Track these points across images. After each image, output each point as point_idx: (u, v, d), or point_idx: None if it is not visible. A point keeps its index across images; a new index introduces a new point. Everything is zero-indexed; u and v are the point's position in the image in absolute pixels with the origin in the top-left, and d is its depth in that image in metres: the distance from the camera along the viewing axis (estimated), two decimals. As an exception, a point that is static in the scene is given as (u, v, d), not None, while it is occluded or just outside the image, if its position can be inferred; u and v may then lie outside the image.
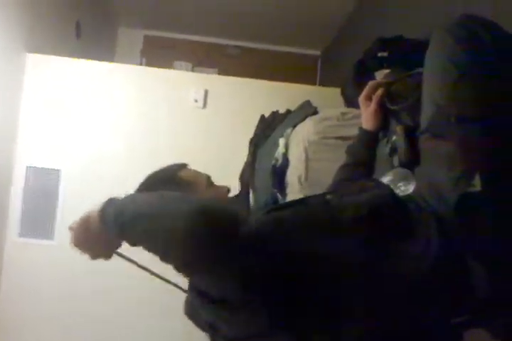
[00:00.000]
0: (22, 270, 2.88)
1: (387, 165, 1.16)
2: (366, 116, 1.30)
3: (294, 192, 1.76)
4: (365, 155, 1.30)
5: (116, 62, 3.82)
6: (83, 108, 2.88)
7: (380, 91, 1.25)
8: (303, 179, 1.71)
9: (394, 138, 1.13)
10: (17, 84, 2.80)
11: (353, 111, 1.71)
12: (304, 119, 1.87)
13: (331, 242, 0.89)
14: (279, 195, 1.82)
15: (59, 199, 2.90)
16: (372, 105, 1.27)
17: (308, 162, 1.71)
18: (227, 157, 2.73)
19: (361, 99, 1.29)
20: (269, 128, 2.13)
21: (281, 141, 1.86)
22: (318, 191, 1.73)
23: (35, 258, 2.88)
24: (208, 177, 1.23)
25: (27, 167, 2.86)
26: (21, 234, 2.87)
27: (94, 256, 0.95)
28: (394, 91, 1.22)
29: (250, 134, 2.29)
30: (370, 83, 1.28)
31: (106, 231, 0.90)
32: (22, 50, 2.79)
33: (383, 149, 1.20)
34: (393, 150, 1.13)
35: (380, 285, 0.88)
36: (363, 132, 1.32)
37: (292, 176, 1.77)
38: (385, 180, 1.05)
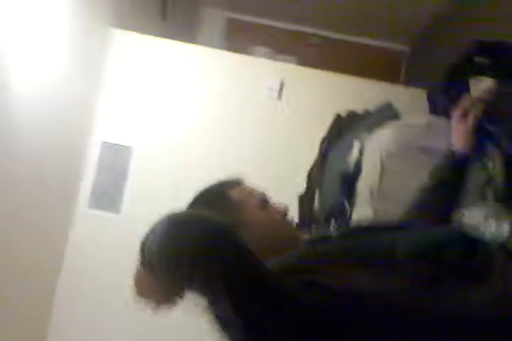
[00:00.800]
0: (88, 239, 2.95)
1: (477, 196, 1.02)
2: (459, 135, 1.15)
3: (363, 204, 1.65)
4: (452, 178, 1.17)
5: (199, 43, 3.79)
6: (162, 88, 2.88)
7: (480, 108, 1.11)
8: (375, 192, 1.60)
9: (490, 166, 0.99)
10: (100, 59, 2.83)
11: (442, 121, 1.55)
12: (383, 124, 1.74)
13: None
14: (346, 204, 1.71)
15: (128, 175, 2.94)
16: (470, 123, 1.13)
17: (383, 174, 1.58)
18: (295, 153, 2.63)
19: (456, 113, 1.15)
20: (344, 128, 2.01)
21: (356, 145, 1.74)
22: (390, 206, 1.62)
23: (102, 229, 2.95)
24: (262, 198, 1.06)
25: (102, 142, 2.94)
26: (91, 206, 2.96)
27: (155, 304, 0.89)
28: (495, 108, 1.07)
29: (322, 131, 2.18)
30: (470, 98, 1.14)
31: (150, 276, 0.86)
32: (107, 25, 2.80)
33: (475, 176, 1.06)
34: (489, 180, 0.99)
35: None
36: (453, 153, 1.18)
37: (363, 186, 1.65)
38: (473, 213, 0.92)
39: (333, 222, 1.83)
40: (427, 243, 0.90)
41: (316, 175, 2.20)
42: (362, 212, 1.63)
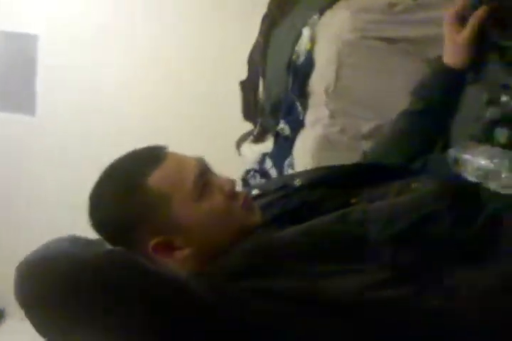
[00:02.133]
0: (3, 147, 2.65)
1: (478, 133, 0.81)
2: (453, 46, 0.91)
3: (317, 105, 1.42)
4: (442, 101, 0.94)
5: None
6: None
7: (481, 12, 0.84)
8: (331, 89, 1.36)
9: (505, 99, 0.76)
10: None
11: (405, 1, 1.27)
12: (334, 2, 1.43)
13: None
14: (298, 105, 1.47)
15: (37, 69, 2.53)
16: (467, 31, 0.87)
17: (340, 68, 1.32)
18: (233, 36, 2.29)
19: (448, 18, 0.88)
20: (287, 6, 1.67)
21: (306, 32, 1.44)
22: (350, 108, 1.40)
23: (17, 134, 2.63)
24: (198, 174, 0.76)
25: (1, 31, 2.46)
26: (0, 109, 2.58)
27: None
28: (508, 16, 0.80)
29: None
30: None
31: None
32: None
33: (472, 101, 0.84)
34: (489, 103, 0.77)
35: None
36: (444, 69, 0.93)
37: (317, 84, 1.40)
38: (476, 157, 0.72)
39: (281, 120, 1.61)
40: (406, 213, 0.71)
41: (257, 62, 1.91)
42: (316, 114, 1.40)
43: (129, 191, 0.74)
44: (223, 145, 2.23)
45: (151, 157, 0.77)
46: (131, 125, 2.55)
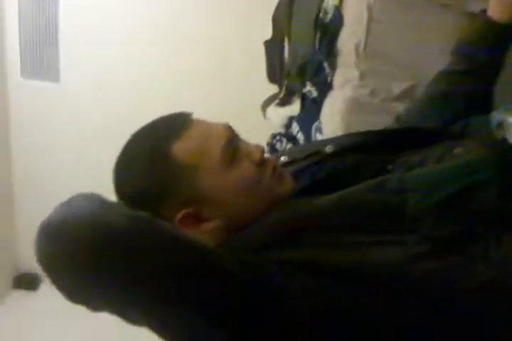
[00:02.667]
0: (29, 114, 2.65)
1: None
2: (499, 1, 0.82)
3: (346, 65, 1.34)
4: (487, 60, 0.86)
5: None
6: None
7: None
8: (361, 48, 1.28)
9: None
10: None
11: None
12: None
13: None
14: (326, 65, 1.39)
15: (59, 34, 2.48)
16: None
17: (371, 24, 1.24)
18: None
19: None
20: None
21: (334, -13, 1.35)
22: (383, 68, 1.32)
23: (42, 101, 2.62)
24: (226, 142, 0.71)
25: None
26: (24, 75, 2.56)
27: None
28: None
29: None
30: None
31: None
32: None
33: None
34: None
35: None
36: (490, 24, 0.85)
37: (346, 42, 1.32)
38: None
39: (308, 82, 1.54)
40: (449, 181, 0.66)
41: (282, 20, 1.82)
42: (345, 75, 1.33)
43: (153, 162, 0.70)
44: (249, 109, 2.18)
45: (174, 126, 0.72)
46: (154, 94, 2.51)
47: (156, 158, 0.70)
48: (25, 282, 2.93)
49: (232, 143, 0.73)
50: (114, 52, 2.48)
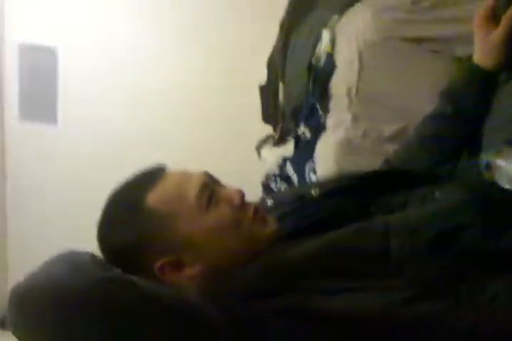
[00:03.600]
0: (26, 155, 2.67)
1: (509, 128, 0.77)
2: (485, 47, 0.87)
3: (339, 109, 1.38)
4: (473, 104, 0.90)
5: None
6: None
7: None
8: (353, 92, 1.32)
9: None
10: None
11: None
12: (355, 1, 1.39)
13: None
14: (319, 108, 1.43)
15: (58, 80, 2.54)
16: (500, 31, 0.84)
17: (362, 70, 1.29)
18: (251, 39, 2.26)
19: (479, 18, 0.85)
20: (305, 6, 1.64)
21: (326, 35, 1.41)
22: (373, 111, 1.36)
23: (39, 143, 2.64)
24: (201, 189, 0.72)
25: (19, 44, 2.48)
26: (22, 118, 2.60)
27: None
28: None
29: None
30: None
31: None
32: None
33: (507, 103, 0.80)
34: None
35: None
36: (476, 70, 0.89)
37: (339, 86, 1.37)
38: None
39: (302, 124, 1.58)
40: (430, 225, 0.67)
41: (277, 64, 1.88)
42: (338, 118, 1.37)
43: (129, 216, 0.72)
44: (244, 150, 2.21)
45: (148, 178, 0.75)
46: (154, 141, 2.54)
47: (132, 211, 0.72)
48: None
49: (208, 188, 0.74)
50: (113, 97, 2.53)
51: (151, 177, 0.75)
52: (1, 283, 2.76)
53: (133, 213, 0.72)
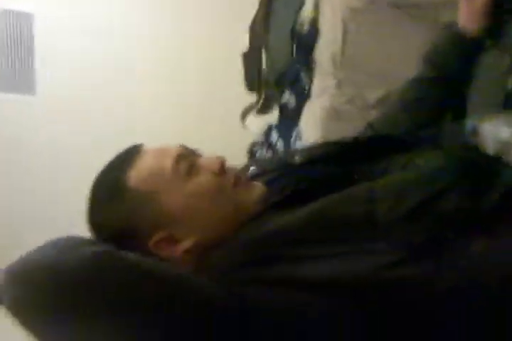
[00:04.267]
0: (5, 128, 2.62)
1: (494, 92, 0.78)
2: (469, 12, 0.86)
3: (323, 74, 1.38)
4: (457, 68, 0.90)
5: None
6: None
7: None
8: (337, 58, 1.32)
9: None
10: None
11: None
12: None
13: None
14: (303, 75, 1.43)
15: (35, 49, 2.47)
16: None
17: (346, 35, 1.28)
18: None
19: None
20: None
21: (309, 0, 1.39)
22: (358, 77, 1.36)
23: (17, 114, 2.59)
24: (177, 160, 0.72)
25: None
26: (1, 89, 2.53)
27: None
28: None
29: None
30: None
31: None
32: None
33: (491, 68, 0.81)
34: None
35: None
36: (459, 35, 0.89)
37: (323, 52, 1.36)
38: (496, 126, 0.69)
39: (287, 92, 1.58)
40: (414, 191, 0.68)
41: (259, 31, 1.85)
42: (323, 84, 1.37)
43: (113, 198, 0.72)
44: (228, 119, 2.20)
45: (125, 159, 0.75)
46: (132, 101, 2.52)
47: (115, 194, 0.72)
48: None
49: (185, 159, 0.73)
50: (91, 65, 2.49)
51: (129, 157, 0.74)
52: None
53: (115, 197, 0.72)
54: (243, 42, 1.99)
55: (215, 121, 2.50)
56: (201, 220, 0.72)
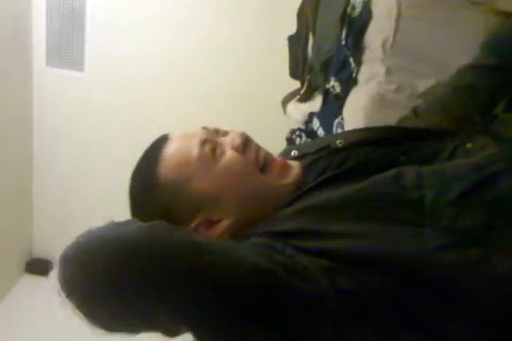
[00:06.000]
0: (53, 101, 2.68)
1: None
2: None
3: (372, 61, 1.33)
4: None
5: None
6: None
7: None
8: (389, 43, 1.27)
9: None
10: None
11: None
12: None
13: None
14: (351, 60, 1.39)
15: (86, 25, 2.50)
16: None
17: (399, 20, 1.23)
18: None
19: None
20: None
21: (363, -18, 1.34)
22: (410, 65, 1.31)
23: (66, 90, 2.64)
24: (202, 143, 0.73)
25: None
26: (48, 63, 2.58)
27: None
28: None
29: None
30: None
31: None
32: None
33: None
34: None
35: None
36: None
37: (374, 37, 1.31)
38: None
39: (332, 78, 1.54)
40: (464, 177, 0.67)
41: (308, 14, 1.81)
42: (371, 71, 1.32)
43: (149, 193, 0.75)
44: (269, 105, 2.18)
45: (152, 154, 0.76)
46: (180, 89, 2.52)
47: (150, 189, 0.74)
48: (38, 267, 2.96)
49: (209, 141, 0.74)
50: (141, 43, 2.50)
51: (157, 150, 0.76)
52: (25, 226, 2.84)
53: (150, 192, 0.74)
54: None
55: (257, 108, 2.48)
56: (233, 198, 0.72)
